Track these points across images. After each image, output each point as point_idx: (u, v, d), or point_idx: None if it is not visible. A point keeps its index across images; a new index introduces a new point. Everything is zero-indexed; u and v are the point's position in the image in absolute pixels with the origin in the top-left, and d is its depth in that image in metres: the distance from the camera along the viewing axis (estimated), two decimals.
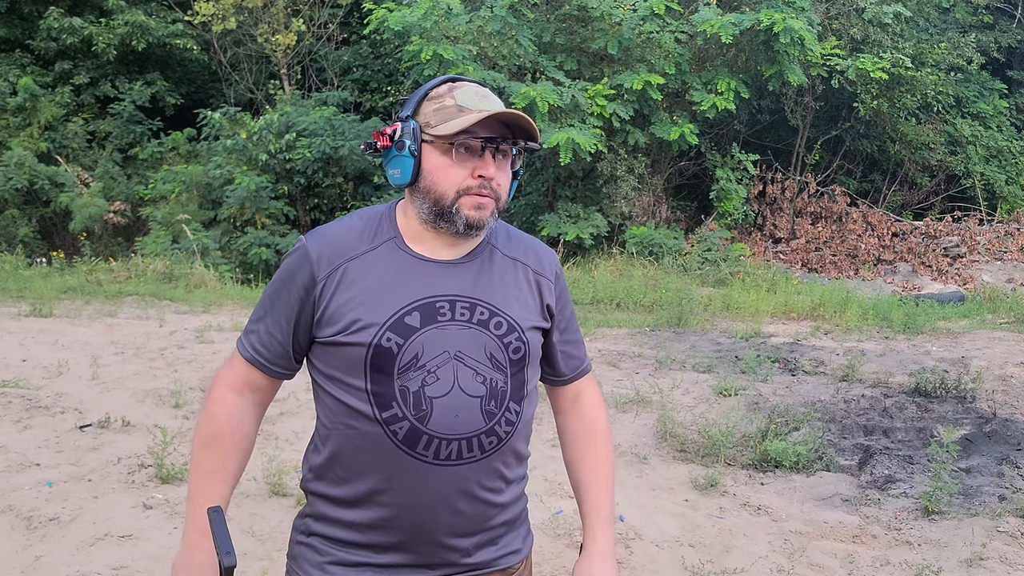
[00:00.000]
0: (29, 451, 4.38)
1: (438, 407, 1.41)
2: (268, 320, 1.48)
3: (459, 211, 1.43)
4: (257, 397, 1.52)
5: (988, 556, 3.53)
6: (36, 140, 13.39)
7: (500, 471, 1.49)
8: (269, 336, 1.47)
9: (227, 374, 1.51)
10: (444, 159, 1.43)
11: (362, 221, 1.50)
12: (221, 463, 1.48)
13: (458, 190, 1.43)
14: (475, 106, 1.42)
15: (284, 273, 1.48)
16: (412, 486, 1.42)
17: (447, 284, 1.45)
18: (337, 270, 1.43)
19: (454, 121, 1.41)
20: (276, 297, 1.47)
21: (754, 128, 14.34)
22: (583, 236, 11.42)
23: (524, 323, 1.49)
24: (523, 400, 1.50)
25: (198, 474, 1.48)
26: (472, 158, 1.43)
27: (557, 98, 11.13)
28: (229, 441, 1.49)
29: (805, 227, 12.85)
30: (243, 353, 1.50)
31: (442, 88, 1.47)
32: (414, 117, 1.46)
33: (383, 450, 1.41)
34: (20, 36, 14.47)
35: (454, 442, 1.42)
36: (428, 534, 1.44)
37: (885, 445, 4.95)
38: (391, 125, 1.47)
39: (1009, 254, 12.26)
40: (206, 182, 12.54)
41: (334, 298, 1.42)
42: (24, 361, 6.15)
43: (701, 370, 6.55)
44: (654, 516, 3.88)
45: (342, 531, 1.46)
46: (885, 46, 13.10)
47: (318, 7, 14.87)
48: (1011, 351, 7.45)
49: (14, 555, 3.34)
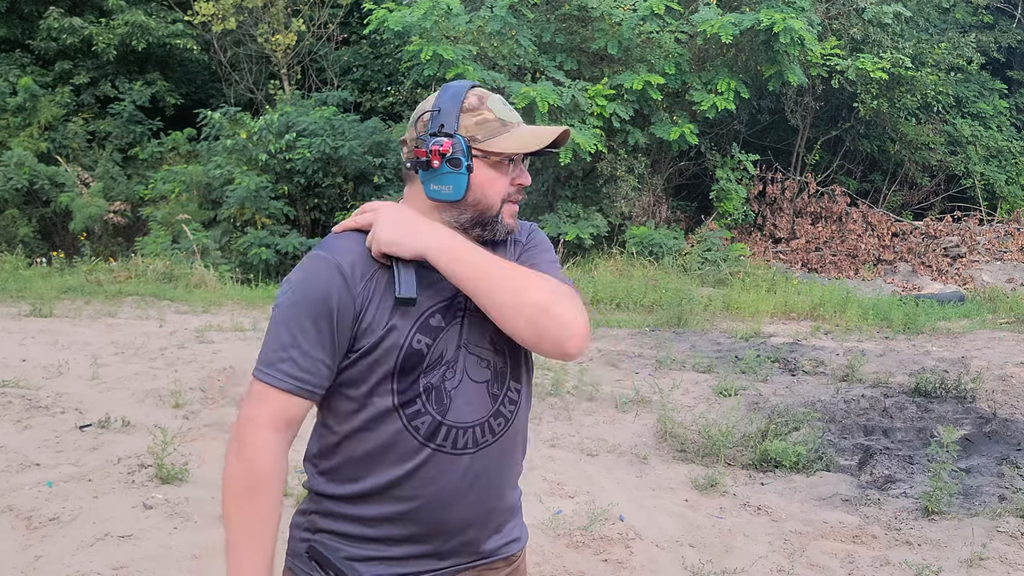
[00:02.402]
0: (29, 451, 4.38)
1: (455, 397, 1.46)
2: (305, 344, 1.40)
3: (502, 220, 1.50)
4: (293, 432, 1.45)
5: (988, 556, 3.53)
6: (36, 140, 13.38)
7: (510, 456, 1.54)
8: (310, 360, 1.40)
9: (258, 412, 1.41)
10: (493, 172, 1.47)
11: None
12: (268, 513, 1.41)
13: (503, 199, 1.49)
14: (511, 118, 1.49)
15: (312, 292, 1.41)
16: (432, 478, 1.45)
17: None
18: (371, 281, 1.43)
19: (508, 138, 1.46)
20: (309, 318, 1.40)
21: (754, 128, 14.33)
22: (583, 236, 11.42)
23: None
24: (522, 378, 1.55)
25: (244, 529, 1.40)
26: (511, 167, 1.50)
27: (557, 98, 11.13)
28: (275, 487, 1.41)
29: (805, 227, 12.85)
30: (281, 384, 1.40)
31: (472, 99, 1.48)
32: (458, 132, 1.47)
33: (404, 445, 1.44)
34: (20, 36, 14.47)
35: (469, 430, 1.46)
36: (445, 524, 1.47)
37: (885, 445, 4.96)
38: (439, 143, 1.44)
39: (1009, 254, 12.25)
40: (206, 182, 12.54)
41: (369, 309, 1.42)
42: (24, 361, 6.15)
43: (701, 370, 6.55)
44: (654, 516, 3.88)
45: (352, 526, 1.47)
46: (885, 46, 13.09)
47: (318, 7, 14.87)
48: (1011, 351, 7.45)
49: (14, 555, 3.34)
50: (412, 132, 1.50)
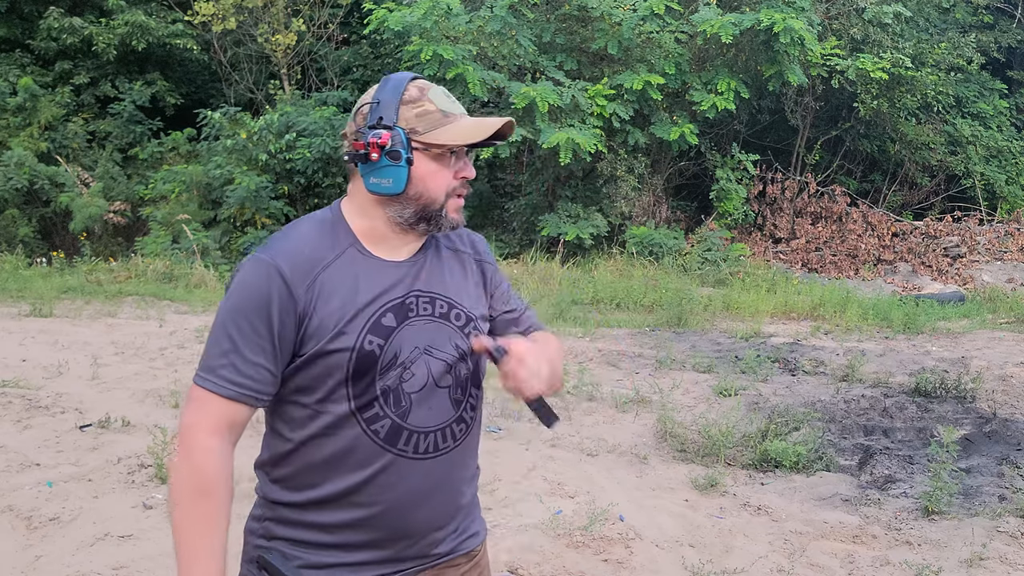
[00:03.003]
0: (29, 451, 4.38)
1: (416, 402, 1.44)
2: (246, 349, 1.38)
3: (446, 214, 1.47)
4: (237, 435, 1.43)
5: (988, 556, 3.53)
6: (36, 140, 13.38)
7: (469, 458, 1.55)
8: (251, 366, 1.38)
9: (201, 418, 1.39)
10: (434, 165, 1.45)
11: (314, 229, 1.47)
12: (218, 516, 1.38)
13: (447, 193, 1.46)
14: (453, 109, 1.46)
15: (253, 296, 1.38)
16: (393, 483, 1.44)
17: (408, 282, 1.48)
18: (314, 284, 1.40)
19: (452, 129, 1.43)
20: (249, 323, 1.38)
21: (754, 128, 14.33)
22: (583, 236, 11.41)
23: (476, 312, 1.55)
24: (479, 383, 1.56)
25: (194, 533, 1.37)
26: (455, 160, 1.47)
27: (557, 98, 11.13)
28: (223, 491, 1.39)
29: (805, 227, 12.85)
30: (222, 391, 1.38)
31: (413, 91, 1.45)
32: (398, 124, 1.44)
33: (363, 450, 1.42)
34: (20, 36, 14.46)
35: (431, 434, 1.45)
36: (406, 529, 1.46)
37: (885, 445, 4.96)
38: (378, 135, 1.42)
39: (1009, 254, 12.25)
40: (206, 182, 12.54)
41: (316, 312, 1.39)
42: (24, 361, 6.15)
43: (701, 370, 6.55)
44: (654, 516, 3.88)
45: (310, 533, 1.45)
46: (885, 46, 13.09)
47: (318, 7, 14.87)
48: (1011, 351, 7.45)
49: (14, 555, 3.34)
50: (352, 125, 1.47)
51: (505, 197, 13.43)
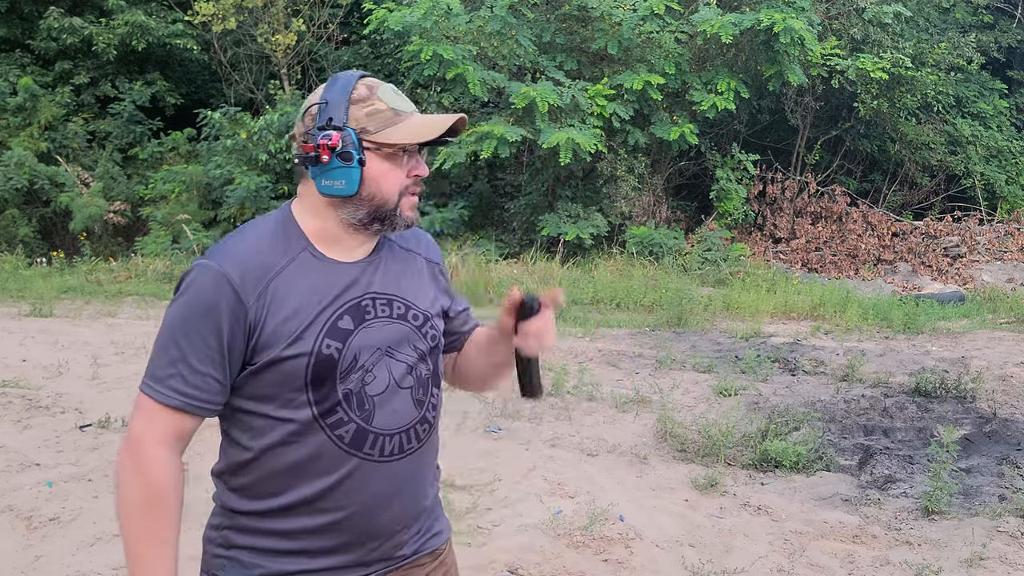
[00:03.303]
0: (29, 451, 4.38)
1: (379, 404, 1.43)
2: (193, 359, 1.35)
3: (401, 213, 1.45)
4: (185, 443, 1.41)
5: (988, 556, 3.53)
6: (36, 140, 13.38)
7: (430, 458, 1.55)
8: (198, 375, 1.35)
9: (149, 429, 1.37)
10: (387, 164, 1.42)
11: (265, 233, 1.44)
12: (170, 525, 1.37)
13: (400, 191, 1.44)
14: (403, 107, 1.43)
15: (200, 304, 1.35)
16: (360, 487, 1.42)
17: (364, 284, 1.46)
18: (266, 291, 1.37)
19: (403, 128, 1.41)
20: (197, 332, 1.35)
21: (754, 128, 14.33)
22: (583, 236, 11.41)
23: (432, 311, 1.54)
24: (439, 383, 1.56)
25: (146, 543, 1.36)
26: (408, 159, 1.45)
27: (557, 98, 11.13)
28: (173, 500, 1.37)
29: (805, 227, 12.85)
30: (169, 401, 1.36)
31: (362, 90, 1.42)
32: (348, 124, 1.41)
33: (329, 456, 1.39)
34: (20, 36, 14.46)
35: (395, 436, 1.44)
36: (372, 532, 1.45)
37: (885, 445, 4.96)
38: (328, 136, 1.38)
39: (1009, 254, 12.25)
40: (206, 182, 12.55)
41: (268, 320, 1.36)
42: (24, 361, 6.15)
43: (701, 370, 6.55)
44: (654, 516, 3.88)
45: (272, 541, 1.42)
46: (885, 46, 13.09)
47: (318, 7, 14.87)
48: (1011, 351, 7.45)
49: (14, 555, 3.34)
50: (300, 127, 1.44)
51: (505, 197, 13.43)
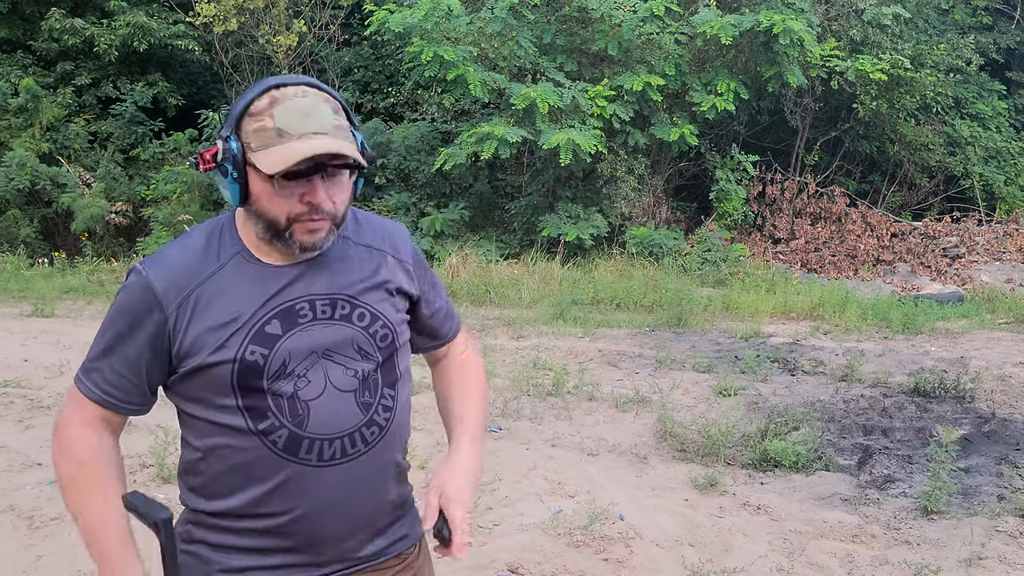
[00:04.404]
0: (31, 451, 4.40)
1: (314, 409, 1.39)
2: (113, 359, 1.38)
3: (293, 236, 1.37)
4: (112, 429, 1.44)
5: (987, 556, 3.54)
6: (38, 141, 13.40)
7: (389, 458, 1.49)
8: (116, 375, 1.39)
9: (72, 414, 1.41)
10: (267, 187, 1.34)
11: (202, 238, 1.43)
12: (100, 484, 1.39)
13: (288, 217, 1.35)
14: (295, 128, 1.31)
15: (125, 308, 1.38)
16: (301, 492, 1.40)
17: (303, 286, 1.42)
18: (188, 299, 1.36)
19: (274, 152, 1.31)
20: (119, 335, 1.38)
21: (754, 129, 14.35)
22: (583, 237, 11.43)
23: (385, 311, 1.47)
24: (396, 383, 1.50)
25: (85, 503, 1.39)
26: (299, 184, 1.34)
27: (557, 99, 11.15)
28: (102, 463, 1.40)
29: (804, 227, 12.86)
30: (88, 394, 1.40)
31: (263, 101, 1.34)
32: (237, 134, 1.35)
33: (265, 462, 1.38)
34: (22, 37, 14.48)
35: (336, 441, 1.40)
36: (321, 536, 1.43)
37: (884, 445, 4.97)
38: (212, 147, 1.37)
39: (1008, 254, 12.26)
40: (207, 183, 12.55)
41: (190, 328, 1.36)
42: (26, 361, 6.17)
43: (701, 370, 6.56)
44: (654, 516, 3.90)
45: (227, 537, 1.44)
46: (884, 47, 13.11)
47: (319, 8, 14.89)
48: (1010, 351, 7.46)
49: (16, 554, 3.35)
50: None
51: (505, 198, 13.44)
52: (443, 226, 11.90)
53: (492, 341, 7.43)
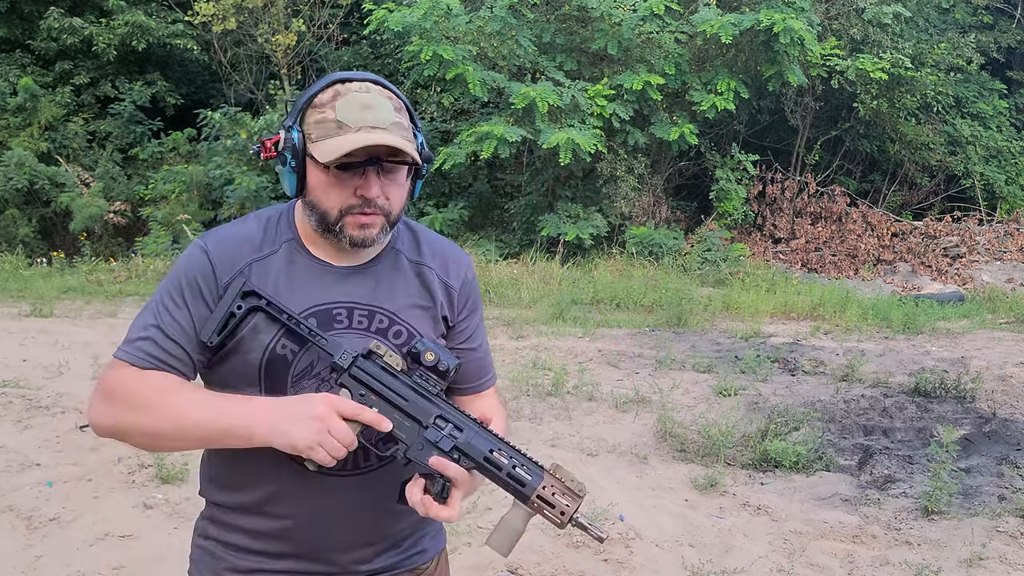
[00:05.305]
0: (30, 451, 4.39)
1: None
2: (164, 324, 1.37)
3: (343, 229, 1.37)
4: None
5: (988, 556, 3.53)
6: (36, 140, 13.39)
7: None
8: (168, 339, 1.36)
9: (111, 379, 1.38)
10: (323, 177, 1.35)
11: (259, 222, 1.44)
12: (181, 382, 1.35)
13: (341, 209, 1.36)
14: (355, 121, 1.32)
15: (182, 275, 1.38)
16: (304, 498, 1.39)
17: (346, 291, 1.41)
18: (241, 274, 1.37)
19: (330, 143, 1.32)
20: (174, 299, 1.37)
21: (754, 128, 14.34)
22: (583, 236, 11.42)
23: (424, 331, 1.44)
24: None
25: (177, 403, 1.31)
26: (355, 176, 1.35)
27: (557, 98, 11.14)
28: (169, 376, 1.35)
29: (805, 227, 12.85)
30: (136, 361, 1.35)
31: (327, 94, 1.36)
32: (300, 125, 1.37)
33: (274, 460, 1.35)
34: (20, 36, 14.46)
35: (349, 453, 1.34)
36: (323, 546, 1.42)
37: (885, 445, 4.96)
38: (274, 134, 1.40)
39: (1009, 254, 12.26)
40: (206, 182, 12.55)
41: None
42: (24, 361, 6.16)
43: (701, 370, 6.55)
44: (654, 516, 3.89)
45: (237, 536, 1.44)
46: (885, 46, 13.10)
47: (318, 7, 14.87)
48: (1011, 351, 7.45)
49: (15, 555, 3.34)
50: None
51: (505, 197, 13.43)
52: (442, 226, 11.89)
53: (492, 341, 7.42)
